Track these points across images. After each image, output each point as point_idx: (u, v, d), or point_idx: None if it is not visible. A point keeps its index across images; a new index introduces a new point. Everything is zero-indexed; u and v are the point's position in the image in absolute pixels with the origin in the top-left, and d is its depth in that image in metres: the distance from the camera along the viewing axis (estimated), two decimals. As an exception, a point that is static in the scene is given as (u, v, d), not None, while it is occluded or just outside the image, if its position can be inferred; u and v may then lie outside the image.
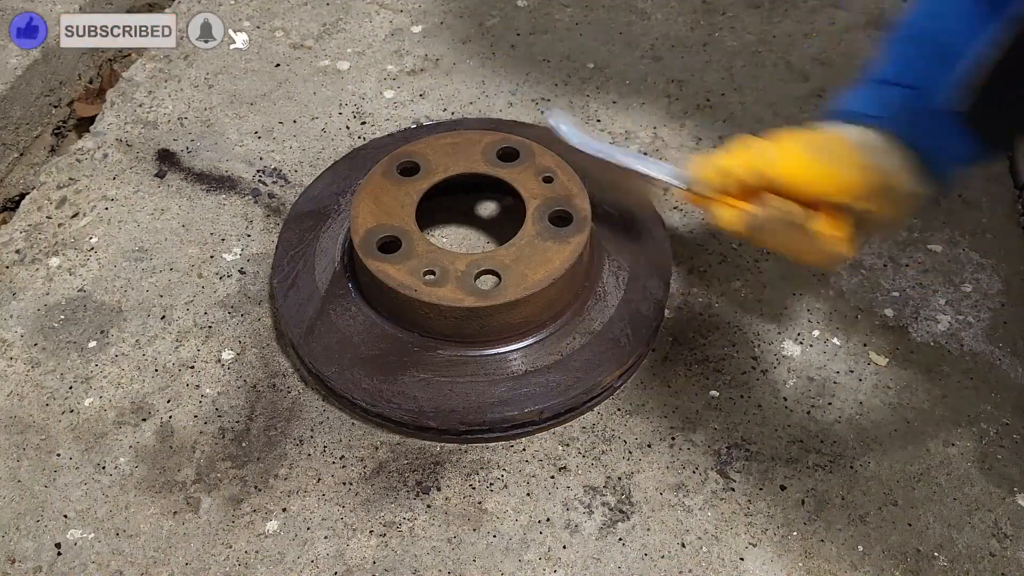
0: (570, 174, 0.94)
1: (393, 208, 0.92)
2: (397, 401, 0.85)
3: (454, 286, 0.86)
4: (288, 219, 1.00)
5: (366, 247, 0.88)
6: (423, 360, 0.87)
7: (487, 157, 0.97)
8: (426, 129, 1.10)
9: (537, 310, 0.87)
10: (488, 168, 0.96)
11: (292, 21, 1.28)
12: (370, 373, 0.87)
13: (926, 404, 0.89)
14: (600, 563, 0.79)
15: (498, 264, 0.87)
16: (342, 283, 0.93)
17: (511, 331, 0.88)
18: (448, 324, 0.86)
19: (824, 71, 1.20)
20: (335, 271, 0.94)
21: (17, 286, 0.99)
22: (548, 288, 0.86)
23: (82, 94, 1.23)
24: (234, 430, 0.87)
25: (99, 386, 0.91)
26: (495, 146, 0.97)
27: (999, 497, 0.83)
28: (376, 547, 0.80)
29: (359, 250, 0.88)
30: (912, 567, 0.79)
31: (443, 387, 0.86)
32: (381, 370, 0.87)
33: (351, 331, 0.89)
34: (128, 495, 0.83)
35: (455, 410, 0.84)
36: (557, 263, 0.87)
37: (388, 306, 0.89)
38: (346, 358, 0.88)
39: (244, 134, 1.14)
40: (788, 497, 0.83)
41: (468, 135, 0.99)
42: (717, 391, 0.90)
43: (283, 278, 0.94)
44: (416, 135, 1.06)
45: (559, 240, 0.89)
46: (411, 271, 0.87)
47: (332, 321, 0.90)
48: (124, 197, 1.07)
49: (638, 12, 1.28)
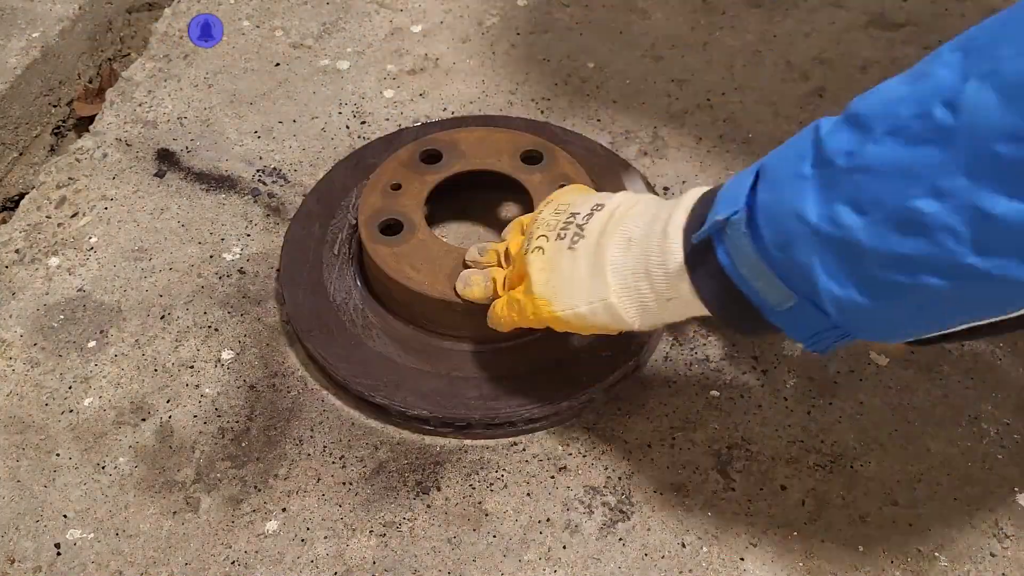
0: (587, 183, 0.93)
1: (405, 193, 0.93)
2: (387, 392, 0.86)
3: (442, 277, 0.86)
4: (302, 206, 1.02)
5: (369, 226, 0.90)
6: (415, 348, 0.89)
7: (513, 157, 0.96)
8: (459, 121, 1.09)
9: None
10: (508, 168, 0.95)
11: (292, 20, 1.28)
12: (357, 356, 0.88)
13: (926, 404, 0.89)
14: (600, 563, 0.79)
15: None
16: (345, 266, 0.95)
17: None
18: (435, 314, 0.87)
19: (824, 71, 1.20)
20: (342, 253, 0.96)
21: (16, 286, 0.98)
22: None
23: (82, 93, 1.23)
24: (234, 430, 0.87)
25: (99, 386, 0.91)
26: (524, 146, 0.97)
27: (999, 497, 0.82)
28: (376, 547, 0.80)
29: (361, 228, 0.90)
30: (912, 567, 0.79)
31: (434, 380, 0.86)
32: (362, 352, 0.88)
33: (341, 303, 0.92)
34: (128, 495, 0.83)
35: (444, 403, 0.85)
36: None
37: (379, 287, 0.91)
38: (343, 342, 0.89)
39: (244, 134, 1.14)
40: (788, 497, 0.83)
41: (502, 132, 0.99)
42: (717, 391, 0.90)
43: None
44: (449, 125, 1.06)
45: None
46: (401, 256, 0.88)
47: (328, 294, 0.92)
48: (124, 197, 1.07)
49: (638, 12, 1.28)
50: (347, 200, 1.00)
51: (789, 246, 0.55)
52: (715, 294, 0.62)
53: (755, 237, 0.57)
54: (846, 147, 0.51)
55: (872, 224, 0.50)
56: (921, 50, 1.19)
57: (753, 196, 0.58)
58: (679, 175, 1.08)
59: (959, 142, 0.46)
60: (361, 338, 0.89)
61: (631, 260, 0.66)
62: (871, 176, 0.50)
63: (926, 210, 0.48)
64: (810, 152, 0.54)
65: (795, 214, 0.54)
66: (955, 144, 0.46)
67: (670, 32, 1.25)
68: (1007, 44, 0.45)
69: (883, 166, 0.49)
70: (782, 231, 0.55)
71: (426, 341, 0.89)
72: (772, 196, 0.56)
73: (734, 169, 1.06)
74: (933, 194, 0.47)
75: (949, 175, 0.46)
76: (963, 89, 0.46)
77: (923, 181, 0.47)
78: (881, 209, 0.50)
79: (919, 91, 0.49)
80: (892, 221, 0.49)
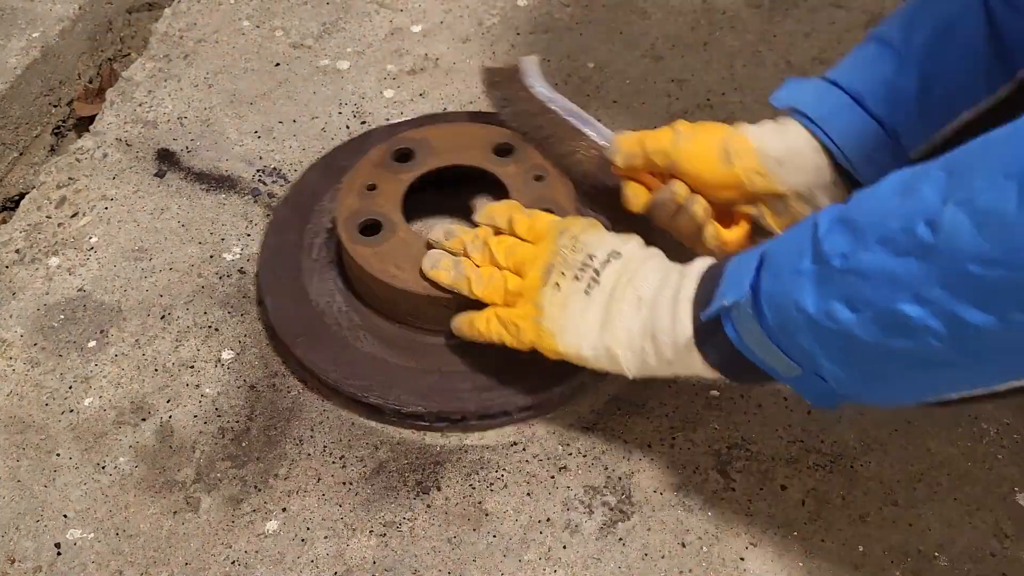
0: (560, 174, 0.94)
1: (381, 193, 0.93)
2: (363, 383, 0.86)
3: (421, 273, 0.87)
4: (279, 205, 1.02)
5: (348, 227, 0.90)
6: (400, 345, 0.89)
7: (485, 151, 0.97)
8: (427, 119, 1.09)
9: None
10: (481, 162, 0.96)
11: (292, 20, 1.28)
12: (342, 357, 0.88)
13: (926, 404, 0.89)
14: (600, 563, 0.79)
15: None
16: (327, 267, 0.95)
17: None
18: (422, 311, 0.87)
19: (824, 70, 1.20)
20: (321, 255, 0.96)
21: (17, 286, 0.99)
22: None
23: (82, 93, 1.23)
24: (234, 430, 0.87)
25: (99, 386, 0.91)
26: (495, 140, 0.97)
27: (999, 497, 0.82)
28: (376, 547, 0.80)
29: (341, 230, 0.90)
30: (913, 567, 0.79)
31: (426, 376, 0.87)
32: (348, 352, 0.88)
33: (325, 307, 0.92)
34: (128, 495, 0.83)
35: (430, 397, 0.85)
36: None
37: (362, 288, 0.91)
38: (325, 340, 0.89)
39: (244, 133, 1.14)
40: (788, 497, 0.83)
41: (472, 127, 0.99)
42: (717, 391, 0.90)
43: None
44: (418, 124, 1.06)
45: None
46: (384, 255, 0.88)
47: (311, 299, 0.92)
48: (124, 197, 1.07)
49: (638, 12, 1.28)
50: (320, 204, 1.00)
51: (792, 332, 0.62)
52: (723, 362, 0.69)
53: (760, 318, 0.63)
54: (841, 249, 0.57)
55: (864, 321, 0.57)
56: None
57: (757, 280, 0.63)
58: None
59: (937, 259, 0.52)
60: (348, 340, 0.89)
61: (639, 322, 0.72)
62: (863, 279, 0.56)
63: (910, 313, 0.54)
64: (809, 249, 0.60)
65: (796, 305, 0.60)
66: (934, 260, 0.52)
67: (670, 32, 1.26)
68: (982, 175, 0.50)
69: (873, 271, 0.56)
70: (784, 318, 0.62)
71: (414, 338, 0.89)
72: (775, 286, 0.62)
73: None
74: (916, 300, 0.53)
75: (929, 285, 0.53)
76: (942, 211, 0.52)
77: (907, 288, 0.54)
78: (871, 308, 0.56)
79: (907, 206, 0.54)
80: (881, 320, 0.56)
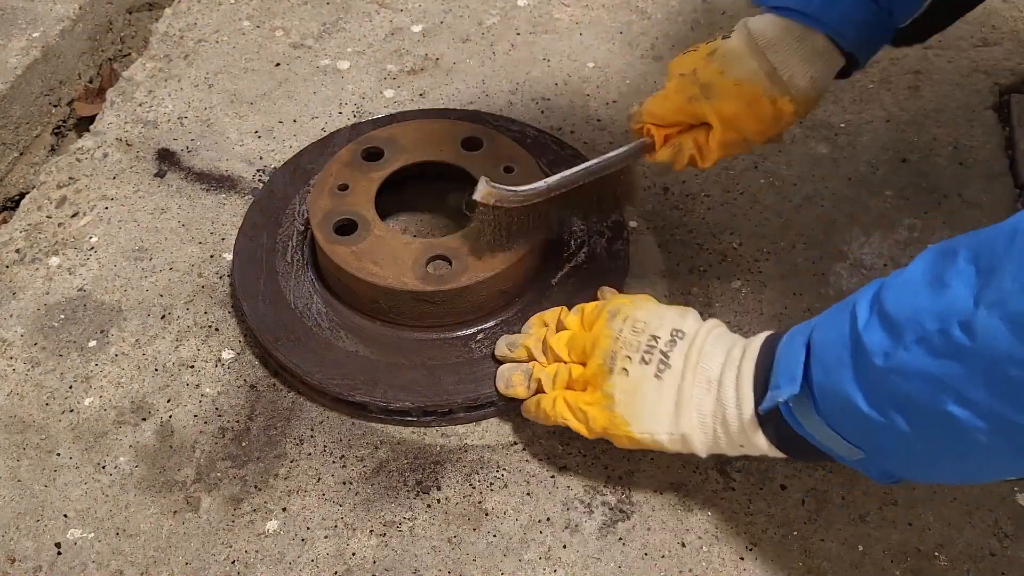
0: (531, 164, 0.94)
1: (353, 192, 0.93)
2: (347, 380, 0.86)
3: (406, 269, 0.87)
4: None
5: (324, 228, 0.90)
6: (377, 341, 0.89)
7: (453, 146, 0.97)
8: (390, 118, 1.09)
9: (489, 296, 0.89)
10: (451, 157, 0.96)
11: (292, 20, 1.28)
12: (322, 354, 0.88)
13: (926, 404, 0.89)
14: (600, 563, 0.79)
15: (449, 250, 0.88)
16: (301, 268, 0.95)
17: (468, 314, 0.89)
18: (403, 307, 0.88)
19: (824, 71, 1.19)
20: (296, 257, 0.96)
21: (17, 285, 0.99)
22: (497, 276, 0.87)
23: (82, 93, 1.23)
24: (234, 430, 0.87)
25: (99, 386, 0.91)
26: (462, 135, 0.98)
27: (999, 497, 0.83)
28: (376, 547, 0.80)
29: (316, 231, 0.90)
30: (912, 567, 0.79)
31: (411, 371, 0.87)
32: (327, 349, 0.88)
33: (304, 309, 0.92)
34: (128, 495, 0.83)
35: (415, 392, 0.86)
36: (506, 253, 0.88)
37: (340, 288, 0.91)
38: (302, 340, 0.89)
39: (244, 133, 1.14)
40: (788, 497, 0.83)
41: (438, 123, 1.00)
42: (717, 391, 0.90)
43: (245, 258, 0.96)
44: (382, 123, 1.06)
45: None
46: (361, 254, 0.88)
47: (287, 300, 0.92)
48: (124, 196, 1.07)
49: (638, 12, 1.28)
50: (291, 208, 1.00)
51: (848, 424, 0.63)
52: (788, 446, 0.70)
53: (816, 407, 0.64)
54: (882, 347, 0.58)
55: (913, 421, 0.58)
56: (921, 51, 1.19)
57: (808, 371, 0.65)
58: (679, 174, 1.07)
59: (976, 362, 0.53)
60: (330, 341, 0.89)
61: (710, 403, 0.73)
62: (906, 379, 0.57)
63: (956, 414, 0.55)
64: (849, 344, 0.61)
65: (848, 401, 0.61)
66: (973, 363, 0.53)
67: (670, 32, 1.26)
68: (1011, 276, 0.51)
69: (915, 373, 0.56)
70: (839, 410, 0.63)
71: (396, 335, 0.89)
72: (825, 379, 0.63)
73: (734, 168, 1.06)
74: (960, 402, 0.54)
75: (972, 388, 0.53)
76: (975, 315, 0.52)
77: (950, 390, 0.54)
78: (918, 409, 0.57)
79: (940, 305, 0.55)
80: (930, 421, 0.57)
